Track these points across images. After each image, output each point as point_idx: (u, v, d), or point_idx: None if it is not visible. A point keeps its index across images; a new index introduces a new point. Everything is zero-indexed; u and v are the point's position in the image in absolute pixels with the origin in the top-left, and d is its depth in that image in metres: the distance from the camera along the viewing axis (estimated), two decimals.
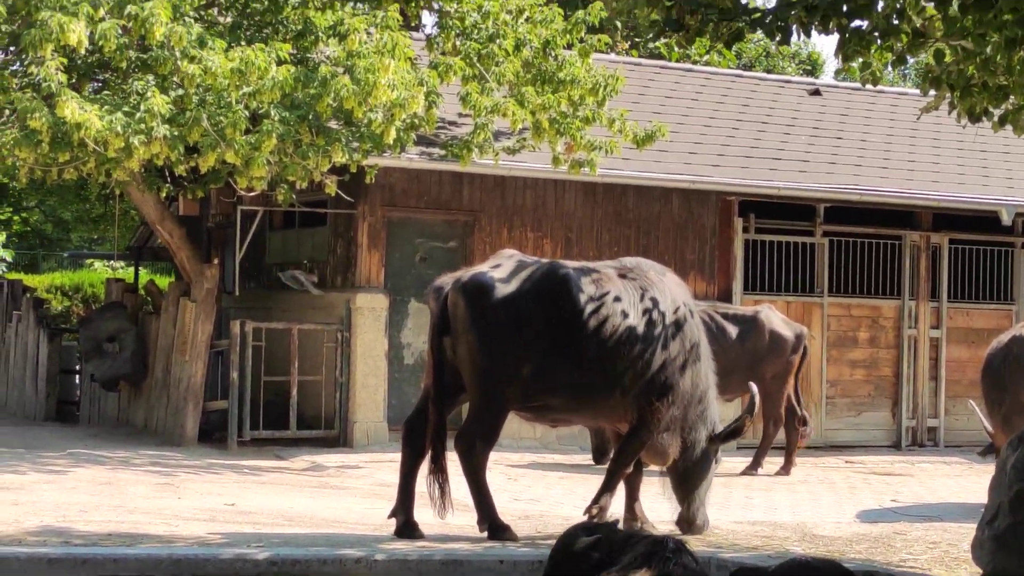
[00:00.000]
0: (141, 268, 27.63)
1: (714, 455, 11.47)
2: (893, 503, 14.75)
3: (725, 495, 14.36)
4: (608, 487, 11.31)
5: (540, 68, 16.88)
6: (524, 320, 10.69)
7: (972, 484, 16.44)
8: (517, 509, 12.75)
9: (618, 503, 11.52)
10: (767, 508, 14.00)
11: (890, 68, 11.09)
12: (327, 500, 13.15)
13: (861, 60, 10.55)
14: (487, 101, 16.07)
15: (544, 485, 15.10)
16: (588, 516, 11.01)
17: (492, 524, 10.74)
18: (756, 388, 12.12)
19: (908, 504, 14.67)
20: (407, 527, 10.75)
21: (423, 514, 10.91)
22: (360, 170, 16.19)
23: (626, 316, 10.84)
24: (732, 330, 16.78)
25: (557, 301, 10.76)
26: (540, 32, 16.86)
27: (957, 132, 21.88)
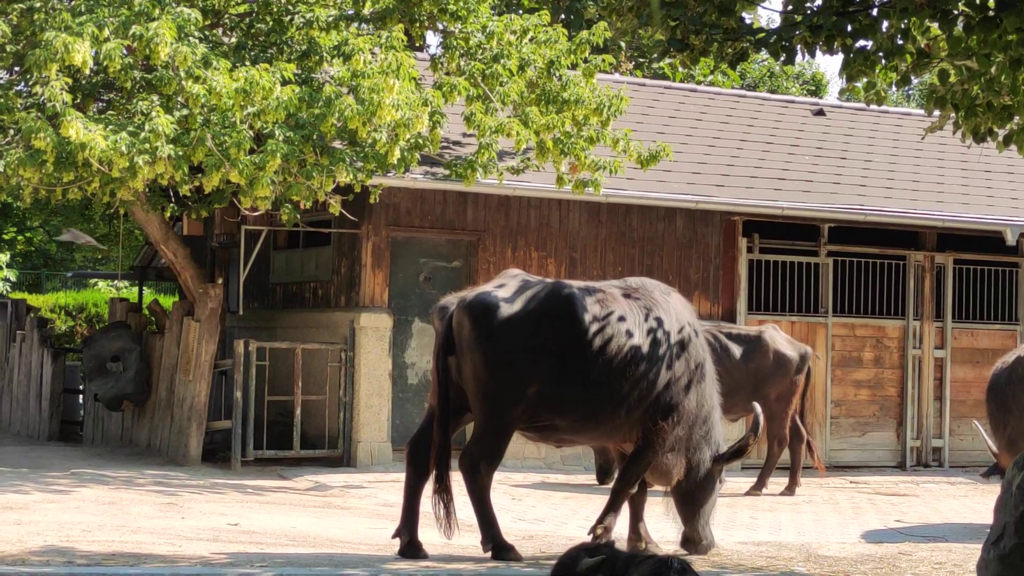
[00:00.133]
0: (145, 288, 27.64)
1: (718, 475, 11.46)
2: (898, 523, 14.72)
3: (730, 515, 14.34)
4: (613, 507, 11.29)
5: (544, 88, 16.91)
6: (529, 340, 10.68)
7: (977, 504, 16.41)
8: (521, 529, 12.73)
9: (622, 523, 11.51)
10: (772, 528, 13.97)
11: (894, 88, 11.06)
12: (331, 520, 13.12)
13: (865, 80, 10.56)
14: (491, 121, 16.09)
15: (548, 505, 15.07)
16: (593, 536, 10.99)
17: (496, 544, 10.73)
18: (760, 408, 12.11)
19: (913, 524, 14.64)
20: (411, 547, 10.73)
21: (427, 534, 10.90)
22: (364, 190, 16.20)
23: (631, 336, 10.83)
24: (736, 350, 16.76)
25: (562, 321, 10.76)
26: (544, 52, 16.89)
27: (961, 152, 21.90)
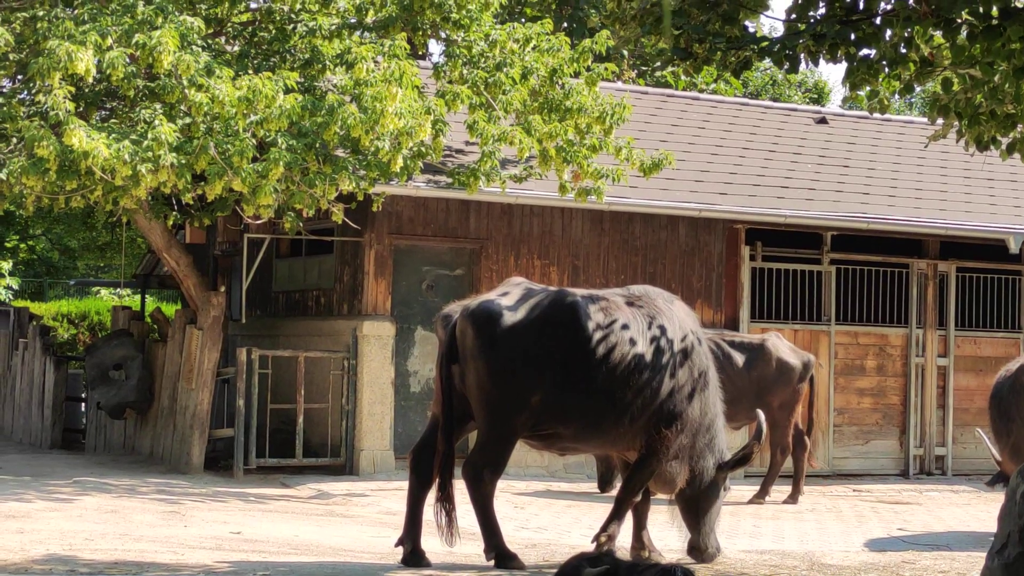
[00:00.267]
0: (147, 296, 27.63)
1: (722, 483, 11.44)
2: (901, 532, 14.70)
3: (733, 524, 14.31)
4: (616, 515, 11.28)
5: (547, 96, 16.91)
6: (533, 348, 10.66)
7: (981, 513, 16.39)
8: (524, 538, 12.71)
9: (625, 532, 11.49)
10: (775, 537, 13.95)
11: (897, 96, 11.06)
12: (333, 528, 13.11)
13: (869, 88, 10.56)
14: (494, 129, 16.09)
15: (551, 513, 15.05)
16: (596, 544, 10.97)
17: (499, 552, 10.71)
18: (763, 416, 12.09)
19: (916, 533, 14.62)
20: (414, 556, 10.72)
21: (430, 542, 10.88)
22: (367, 198, 16.20)
23: (634, 344, 10.82)
24: (739, 358, 16.74)
25: (565, 329, 10.74)
26: (547, 61, 16.89)
27: (964, 160, 21.89)
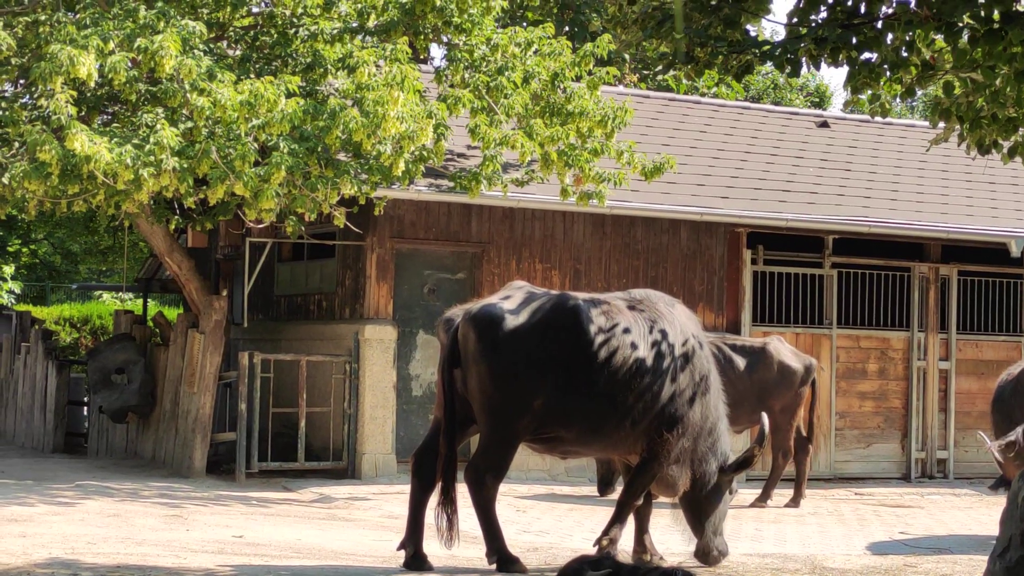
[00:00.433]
0: (150, 300, 27.63)
1: (727, 486, 11.44)
2: (903, 535, 14.70)
3: (735, 527, 14.31)
4: (618, 519, 11.29)
5: (549, 100, 16.92)
6: (535, 352, 10.67)
7: (982, 516, 16.39)
8: (526, 541, 12.71)
9: (627, 535, 11.49)
10: (777, 540, 13.95)
11: (899, 100, 11.05)
12: (336, 532, 13.11)
13: (870, 92, 10.55)
14: (496, 133, 16.10)
15: (553, 517, 15.05)
16: (598, 548, 10.98)
17: (501, 556, 10.72)
18: (767, 419, 12.08)
19: (918, 536, 14.62)
20: (416, 559, 10.73)
21: (432, 546, 10.89)
22: (369, 202, 16.21)
23: (635, 348, 10.83)
24: (740, 362, 16.74)
25: (567, 333, 10.75)
26: (549, 65, 16.89)
27: (966, 164, 21.90)
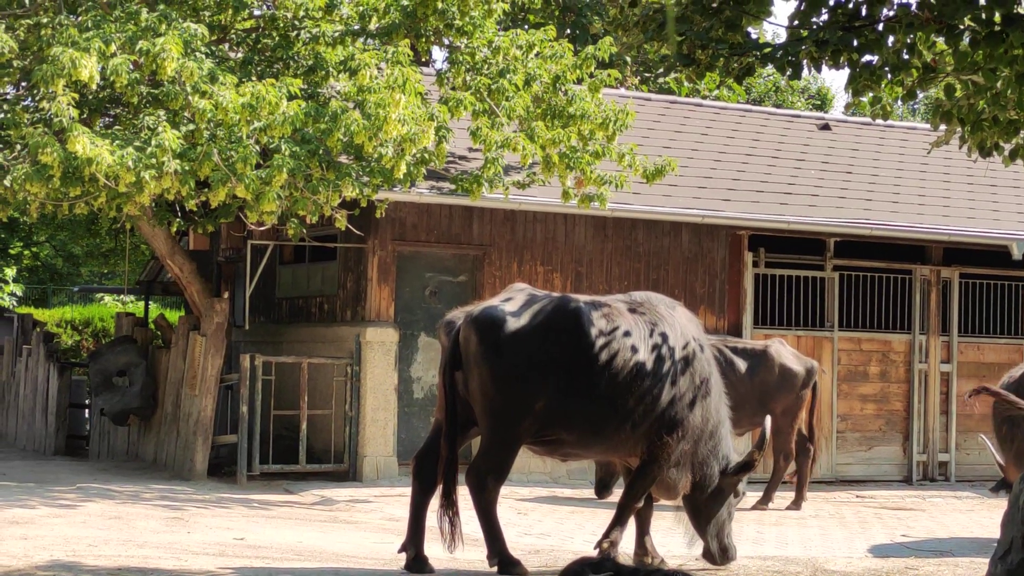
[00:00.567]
0: (151, 302, 27.65)
1: (731, 489, 11.43)
2: (904, 538, 14.69)
3: (736, 530, 14.25)
4: (619, 521, 11.28)
5: (550, 103, 16.93)
6: (536, 354, 10.66)
7: (984, 519, 16.38)
8: (527, 544, 12.71)
9: (628, 537, 11.49)
10: (778, 543, 13.95)
11: (900, 103, 11.06)
12: (337, 534, 13.12)
13: (871, 95, 10.56)
14: (497, 136, 16.11)
15: (554, 519, 15.05)
16: (599, 550, 10.97)
17: (502, 559, 10.71)
18: (769, 422, 12.07)
19: (919, 539, 14.61)
20: (417, 562, 10.72)
21: (433, 549, 10.88)
22: (370, 204, 16.22)
23: (636, 351, 10.82)
24: (742, 364, 16.73)
25: (569, 335, 10.74)
26: (550, 67, 16.90)
27: (967, 166, 21.89)
